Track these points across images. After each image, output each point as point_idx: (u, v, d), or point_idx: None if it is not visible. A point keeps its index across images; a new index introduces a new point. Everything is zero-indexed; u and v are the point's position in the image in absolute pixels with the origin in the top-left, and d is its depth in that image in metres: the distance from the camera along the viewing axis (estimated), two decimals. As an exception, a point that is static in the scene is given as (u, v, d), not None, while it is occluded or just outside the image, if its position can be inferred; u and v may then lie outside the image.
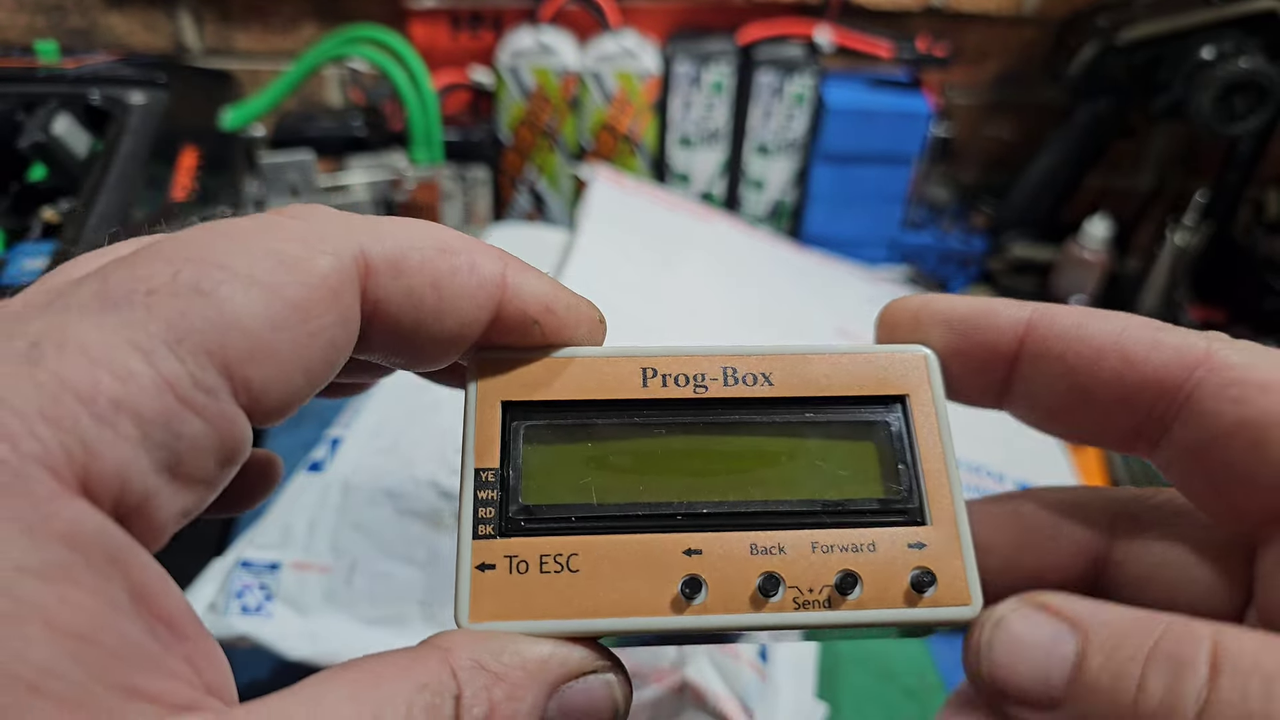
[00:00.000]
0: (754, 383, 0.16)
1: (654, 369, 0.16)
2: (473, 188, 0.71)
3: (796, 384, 0.16)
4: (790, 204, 0.75)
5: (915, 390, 0.16)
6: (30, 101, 0.56)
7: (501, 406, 0.15)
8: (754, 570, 0.15)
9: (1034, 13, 0.75)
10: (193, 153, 0.52)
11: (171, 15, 0.72)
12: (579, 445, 0.15)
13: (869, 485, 0.16)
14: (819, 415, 0.16)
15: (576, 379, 0.16)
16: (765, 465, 0.16)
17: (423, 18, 0.70)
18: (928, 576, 0.15)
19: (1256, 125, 0.66)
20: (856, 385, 0.16)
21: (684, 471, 0.16)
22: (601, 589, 0.15)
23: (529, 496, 0.15)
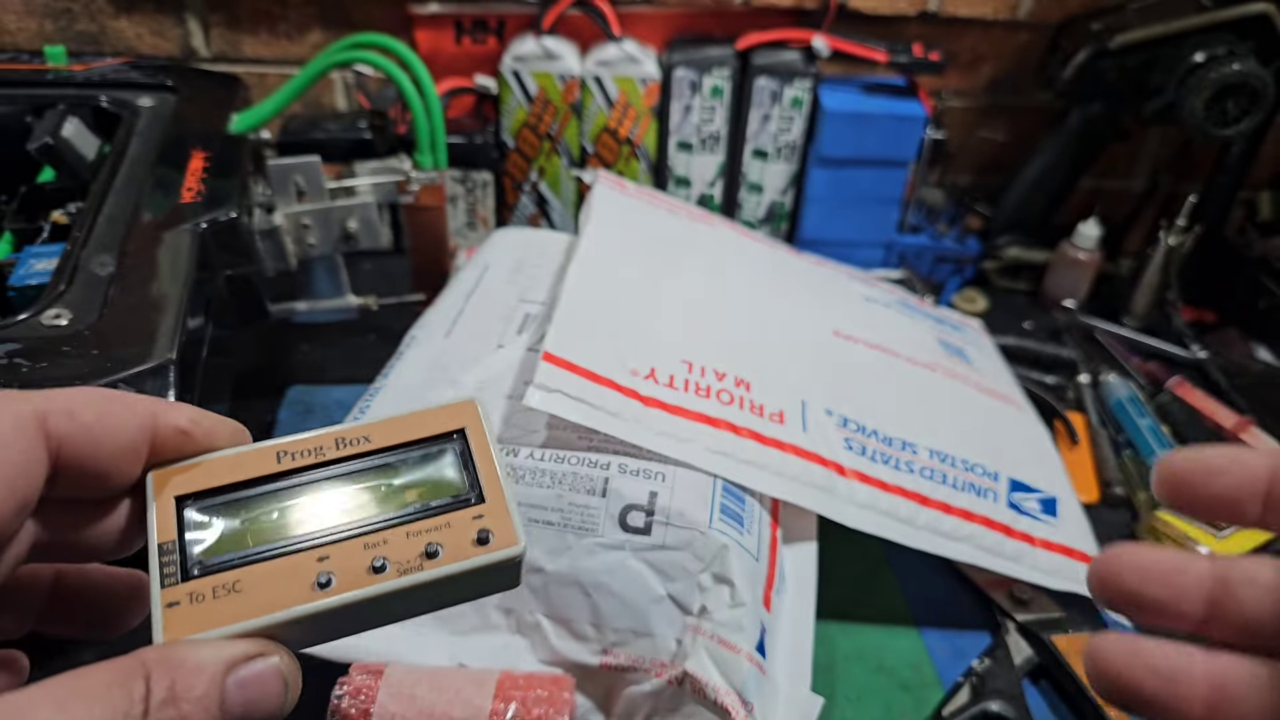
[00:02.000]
0: (358, 443, 0.23)
1: (285, 450, 0.22)
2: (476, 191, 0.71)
3: (389, 437, 0.23)
4: (787, 207, 0.76)
5: (469, 424, 0.24)
6: (39, 105, 0.56)
7: (175, 500, 0.21)
8: (368, 558, 0.21)
9: (1028, 17, 0.76)
10: (200, 156, 0.53)
11: (179, 20, 0.73)
12: (233, 511, 0.22)
13: (445, 490, 0.23)
14: (409, 454, 0.23)
15: (227, 469, 0.22)
16: (374, 498, 0.22)
17: (428, 24, 0.71)
18: (485, 532, 0.22)
19: (1249, 128, 0.67)
20: (430, 429, 0.23)
21: (308, 513, 0.22)
22: (259, 596, 0.20)
23: (206, 554, 0.21)
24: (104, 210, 0.48)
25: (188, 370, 0.41)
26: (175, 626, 0.19)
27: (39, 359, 0.38)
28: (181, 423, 0.21)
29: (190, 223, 0.48)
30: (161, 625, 0.19)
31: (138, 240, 0.46)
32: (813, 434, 0.47)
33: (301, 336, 0.66)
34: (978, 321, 0.71)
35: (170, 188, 0.50)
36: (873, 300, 0.65)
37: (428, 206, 0.62)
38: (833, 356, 0.54)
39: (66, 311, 0.41)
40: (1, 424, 0.18)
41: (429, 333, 0.51)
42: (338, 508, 0.22)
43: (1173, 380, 0.66)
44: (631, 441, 0.42)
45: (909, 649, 0.47)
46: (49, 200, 0.52)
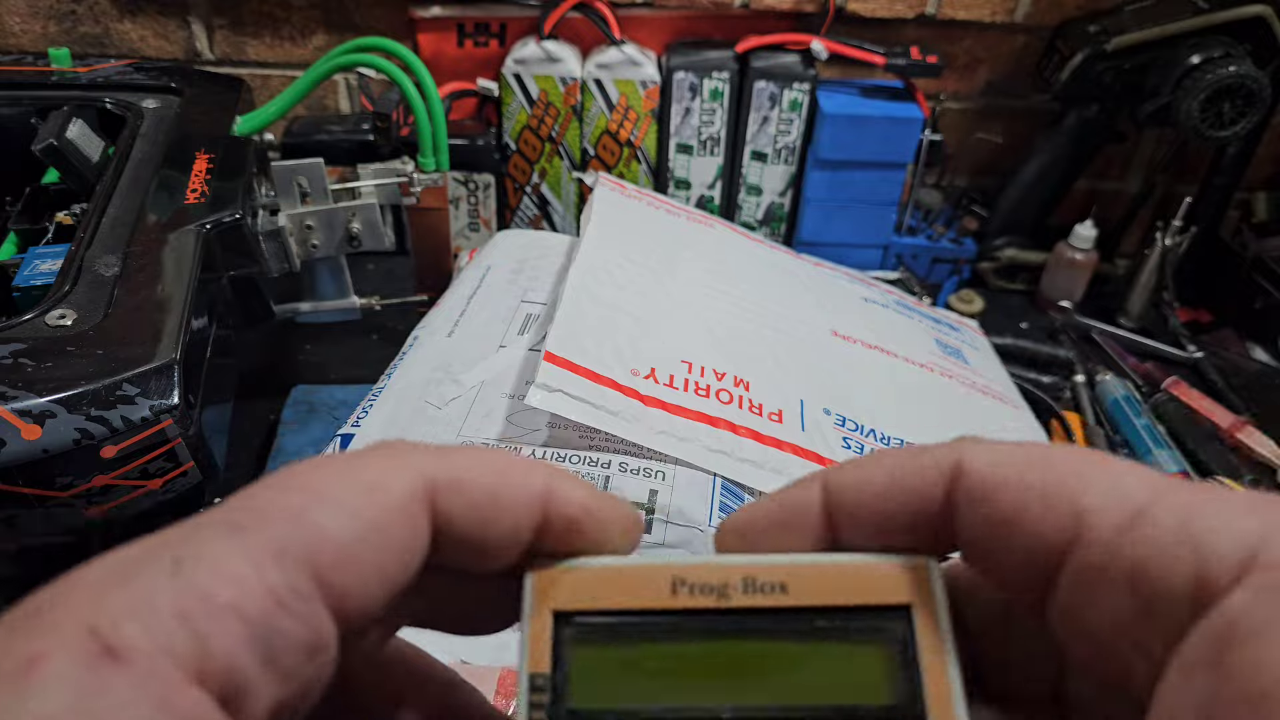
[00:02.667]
0: (772, 591, 0.18)
1: (681, 579, 0.18)
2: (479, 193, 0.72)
3: (810, 593, 0.17)
4: (786, 209, 0.76)
5: (917, 598, 0.17)
6: (44, 107, 0.57)
7: (553, 617, 0.18)
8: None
9: (1025, 20, 0.76)
10: (204, 158, 0.53)
11: (184, 23, 0.73)
12: (619, 650, 0.17)
13: (876, 692, 0.17)
14: (830, 622, 0.17)
15: (616, 588, 0.18)
16: (781, 671, 0.17)
17: (430, 27, 0.71)
18: None
19: (1244, 130, 0.67)
20: (863, 594, 0.17)
21: (710, 675, 0.17)
22: None
23: (578, 701, 0.17)
24: (109, 211, 0.48)
25: (191, 370, 0.41)
26: None
27: (44, 359, 0.38)
28: (574, 510, 0.18)
29: (194, 224, 0.48)
30: None
31: (142, 241, 0.46)
32: (811, 433, 0.47)
33: (305, 337, 0.66)
34: (974, 322, 0.71)
35: (174, 189, 0.50)
36: (870, 301, 0.65)
37: (430, 208, 0.62)
38: (831, 356, 0.55)
39: (71, 312, 0.41)
40: (390, 496, 0.15)
41: (431, 333, 0.51)
42: (731, 679, 0.17)
43: (1169, 380, 0.67)
44: (632, 440, 0.42)
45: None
46: (54, 201, 0.53)
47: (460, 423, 0.43)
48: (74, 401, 0.37)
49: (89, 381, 0.38)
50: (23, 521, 0.39)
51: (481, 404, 0.44)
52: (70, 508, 0.39)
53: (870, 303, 0.65)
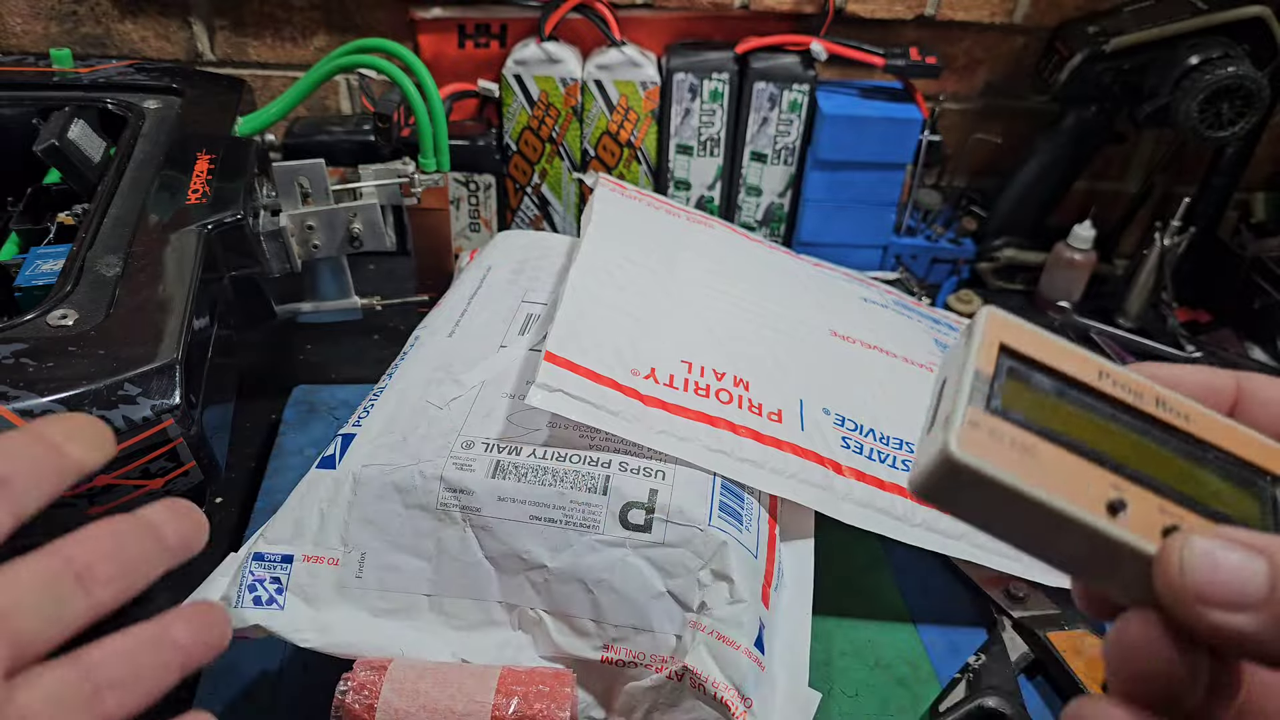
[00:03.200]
0: (1177, 415, 0.21)
1: (1107, 373, 0.21)
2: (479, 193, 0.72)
3: (1207, 431, 0.22)
4: (785, 209, 0.77)
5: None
6: (45, 107, 0.57)
7: (1000, 346, 0.21)
8: (1162, 520, 0.20)
9: (1024, 21, 0.77)
10: (205, 159, 0.53)
11: (185, 24, 0.73)
12: (1043, 393, 0.21)
13: (1248, 514, 0.21)
14: (1217, 458, 0.21)
15: (1056, 355, 0.21)
16: (1172, 469, 0.21)
17: (431, 28, 0.71)
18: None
19: (1243, 130, 0.67)
20: (1250, 453, 0.22)
21: (1104, 442, 0.21)
22: (1049, 473, 0.20)
23: (1005, 403, 0.20)
24: (110, 212, 0.48)
25: (193, 370, 0.41)
26: (970, 443, 0.19)
27: (45, 359, 0.38)
28: None
29: (196, 224, 0.48)
30: (958, 434, 0.19)
31: (144, 241, 0.46)
32: (810, 432, 0.47)
33: (306, 337, 0.66)
34: (974, 322, 0.71)
35: (176, 190, 0.50)
36: (870, 301, 0.65)
37: (431, 209, 0.62)
38: (830, 356, 0.55)
39: (73, 312, 0.41)
40: None
41: (432, 333, 0.51)
42: (1145, 455, 0.21)
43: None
44: (632, 440, 0.42)
45: (906, 645, 0.48)
46: (55, 202, 0.53)
47: (461, 423, 0.44)
48: (75, 401, 0.37)
49: (90, 381, 0.38)
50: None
51: (482, 404, 0.45)
52: (72, 507, 0.39)
53: (869, 303, 0.65)
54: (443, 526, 0.41)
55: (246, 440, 0.58)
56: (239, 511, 0.53)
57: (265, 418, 0.59)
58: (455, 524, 0.41)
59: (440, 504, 0.41)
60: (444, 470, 0.41)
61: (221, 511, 0.53)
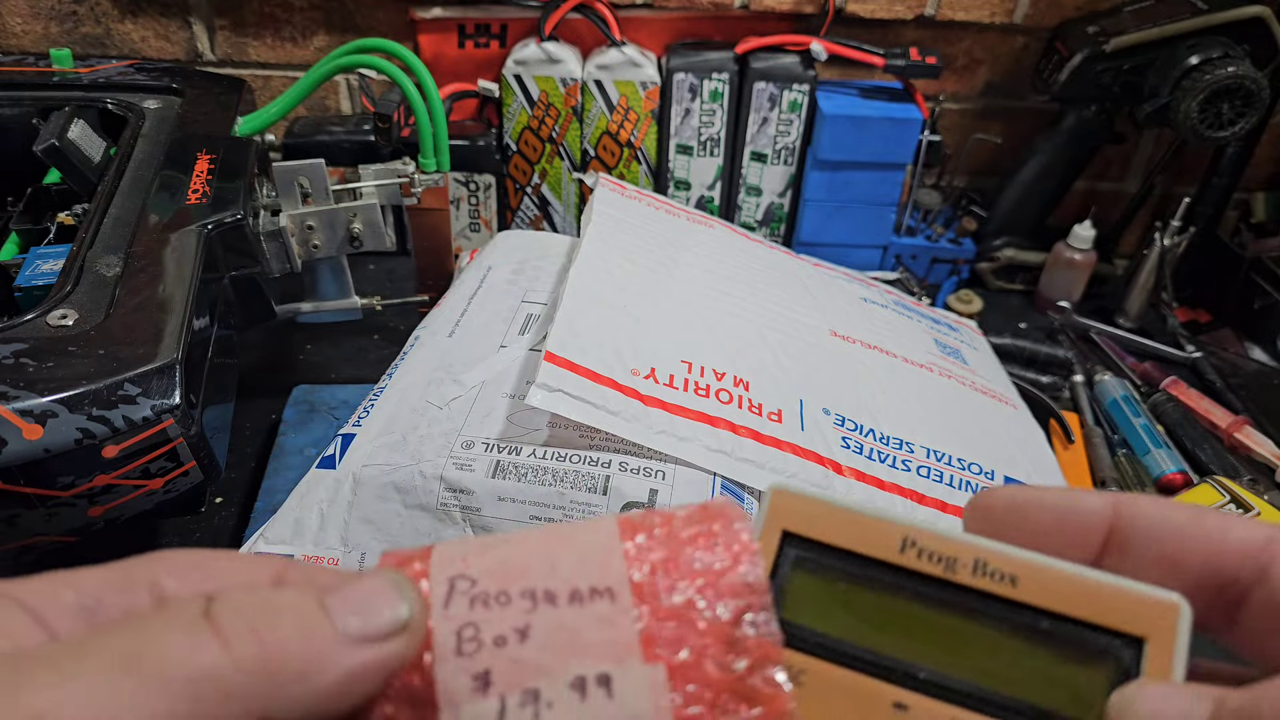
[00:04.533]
0: (1000, 580, 0.17)
1: (911, 541, 0.18)
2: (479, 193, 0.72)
3: (1039, 594, 0.17)
4: (785, 209, 0.76)
5: (1155, 636, 0.17)
6: (46, 107, 0.57)
7: (781, 534, 0.18)
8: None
9: (1024, 21, 0.76)
10: (206, 159, 0.53)
11: (185, 24, 0.73)
12: (835, 585, 0.18)
13: (1085, 709, 0.16)
14: (1054, 628, 0.17)
15: (848, 530, 0.18)
16: (991, 657, 0.17)
17: (431, 28, 0.71)
18: None
19: (1243, 130, 0.67)
20: (1098, 613, 0.17)
21: (915, 637, 0.17)
22: (816, 708, 0.17)
23: (787, 612, 0.18)
24: (110, 212, 0.48)
25: (193, 370, 0.41)
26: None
27: (45, 359, 0.38)
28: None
29: (196, 224, 0.48)
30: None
31: (144, 242, 0.46)
32: (810, 433, 0.47)
33: (306, 337, 0.66)
34: (973, 322, 0.71)
35: (176, 190, 0.50)
36: (870, 301, 0.65)
37: (431, 209, 0.62)
38: (830, 356, 0.55)
39: (73, 312, 0.41)
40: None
41: (432, 333, 0.51)
42: (948, 648, 0.17)
43: (1167, 380, 0.67)
44: (632, 440, 0.42)
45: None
46: (55, 202, 0.53)
47: (461, 422, 0.44)
48: (76, 401, 0.37)
49: (90, 381, 0.38)
50: (24, 521, 0.39)
51: (482, 404, 0.45)
52: (72, 507, 0.39)
53: (869, 303, 0.65)
54: (443, 526, 0.41)
55: (246, 440, 0.58)
56: (239, 511, 0.53)
57: (265, 418, 0.59)
58: (455, 524, 0.41)
59: (440, 504, 0.41)
60: (444, 470, 0.41)
61: (221, 511, 0.53)
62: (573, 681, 0.17)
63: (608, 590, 0.18)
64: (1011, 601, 0.17)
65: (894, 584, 0.18)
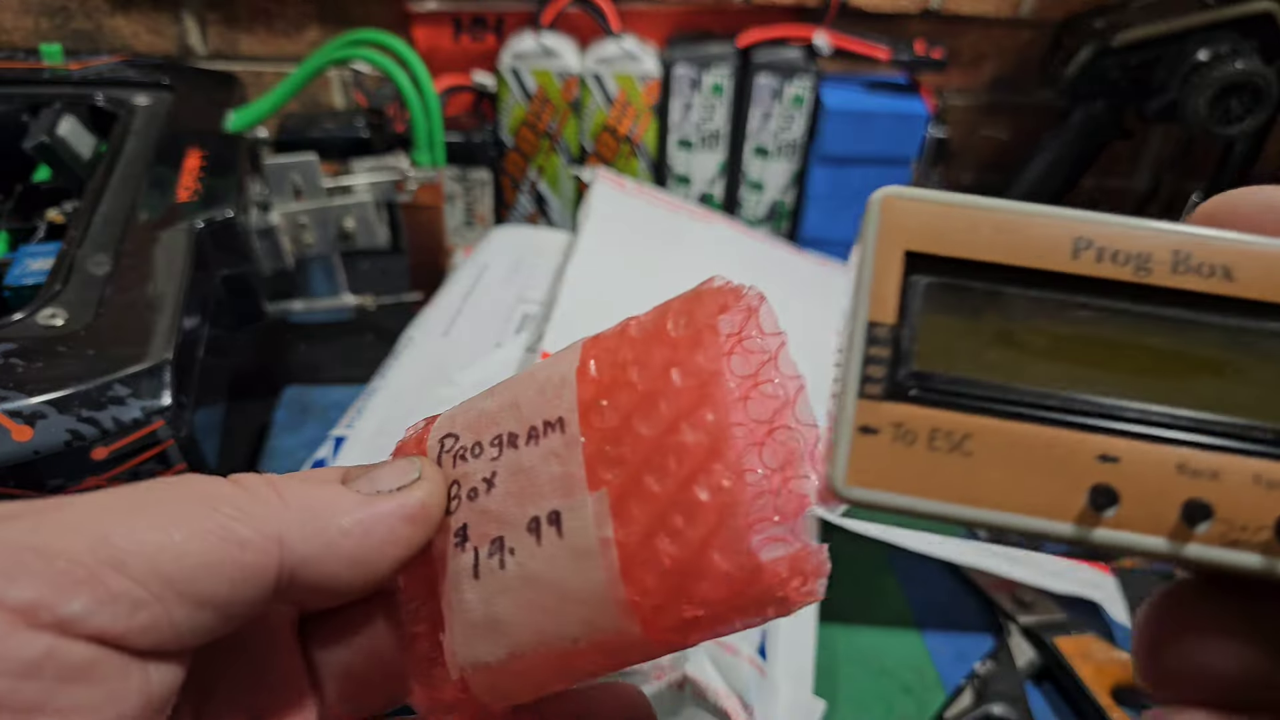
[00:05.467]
0: (1210, 274, 0.13)
1: (1089, 240, 0.14)
2: (475, 189, 0.71)
3: (1266, 287, 0.13)
4: (788, 205, 0.76)
5: None
6: (35, 103, 0.56)
7: (904, 257, 0.14)
8: (1179, 492, 0.13)
9: (1031, 15, 0.76)
10: (196, 154, 0.53)
11: (176, 18, 0.72)
12: (987, 315, 0.14)
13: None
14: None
15: (995, 238, 0.14)
16: (1210, 374, 0.13)
17: (425, 21, 0.70)
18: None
19: (1252, 126, 0.67)
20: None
21: (1110, 366, 0.13)
22: (996, 479, 0.13)
23: (924, 362, 0.13)
24: (100, 209, 0.48)
25: (184, 370, 0.41)
26: (866, 473, 0.13)
27: (34, 359, 0.38)
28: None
29: (187, 222, 0.47)
30: (846, 460, 0.13)
31: (134, 240, 0.46)
32: (814, 435, 0.46)
33: (298, 336, 0.66)
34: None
35: (167, 187, 0.50)
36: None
37: (425, 205, 0.62)
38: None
39: (62, 311, 0.40)
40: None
41: (426, 332, 0.51)
42: (1134, 375, 0.13)
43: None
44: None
45: (911, 652, 0.47)
46: (45, 199, 0.52)
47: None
48: (65, 402, 0.36)
49: (80, 382, 0.37)
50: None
51: (478, 405, 0.44)
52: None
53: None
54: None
55: (238, 442, 0.57)
56: (232, 514, 0.52)
57: (256, 419, 0.58)
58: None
59: (435, 508, 0.40)
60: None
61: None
62: (529, 524, 0.16)
63: (559, 421, 0.16)
64: (1230, 299, 0.13)
65: (1071, 301, 0.13)
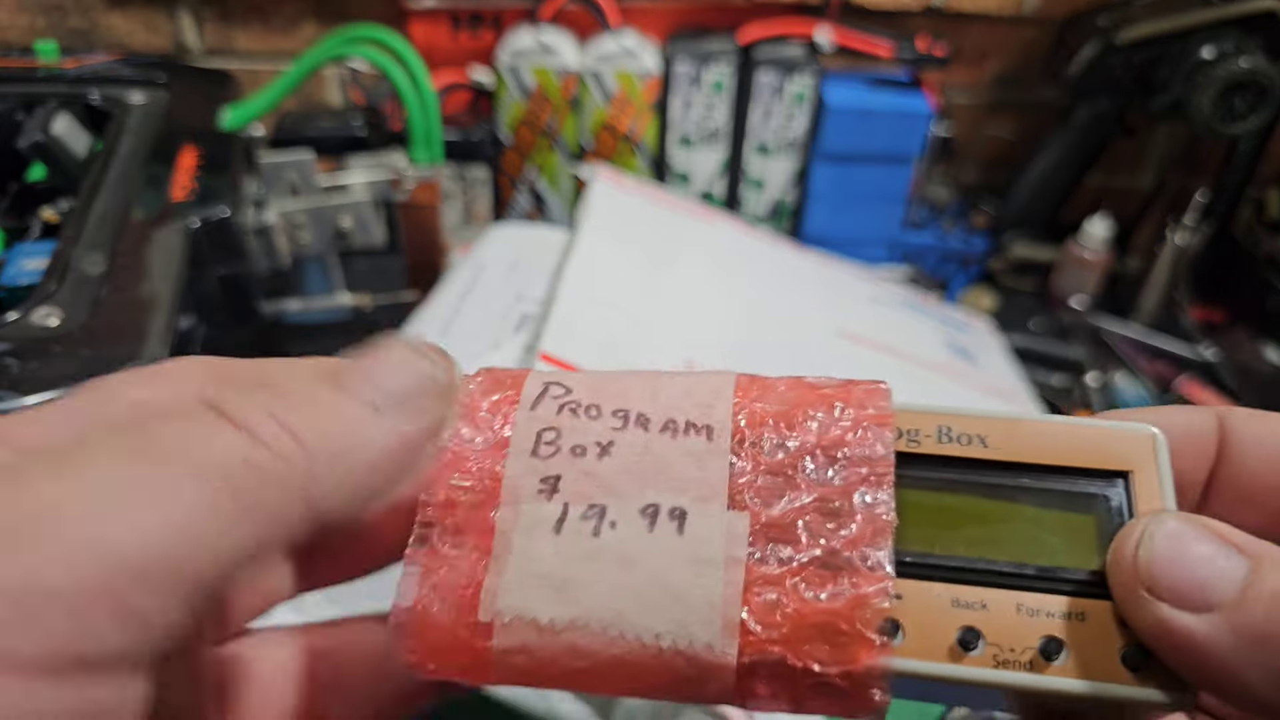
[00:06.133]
0: (968, 443, 0.16)
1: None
2: (473, 188, 0.71)
3: (1012, 449, 0.16)
4: (790, 204, 0.75)
5: (1139, 468, 0.16)
6: (30, 101, 0.56)
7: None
8: (954, 622, 0.15)
9: (1034, 12, 0.75)
10: (192, 152, 0.52)
11: (172, 15, 0.72)
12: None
13: (1084, 557, 0.15)
14: (1035, 482, 0.16)
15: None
16: (975, 524, 0.16)
17: (423, 17, 0.70)
18: (1141, 654, 0.14)
19: (1257, 125, 0.66)
20: (1075, 457, 0.16)
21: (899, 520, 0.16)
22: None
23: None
24: (95, 208, 0.47)
25: (178, 371, 0.40)
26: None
27: (30, 359, 0.37)
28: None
29: (182, 221, 0.47)
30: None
31: (129, 239, 0.45)
32: (815, 436, 0.46)
33: (294, 336, 0.65)
34: (984, 320, 0.70)
35: (162, 185, 0.50)
36: (878, 299, 0.64)
37: (423, 204, 0.61)
38: (837, 357, 0.54)
39: (57, 311, 0.40)
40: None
41: (423, 333, 0.50)
42: (926, 525, 0.16)
43: (1180, 380, 0.66)
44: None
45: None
46: (40, 198, 0.52)
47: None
48: (57, 404, 0.36)
49: (75, 382, 0.36)
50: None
51: (476, 406, 0.43)
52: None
53: (878, 301, 0.64)
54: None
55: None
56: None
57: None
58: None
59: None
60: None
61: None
62: (644, 508, 0.16)
63: (706, 428, 0.16)
64: (985, 462, 0.16)
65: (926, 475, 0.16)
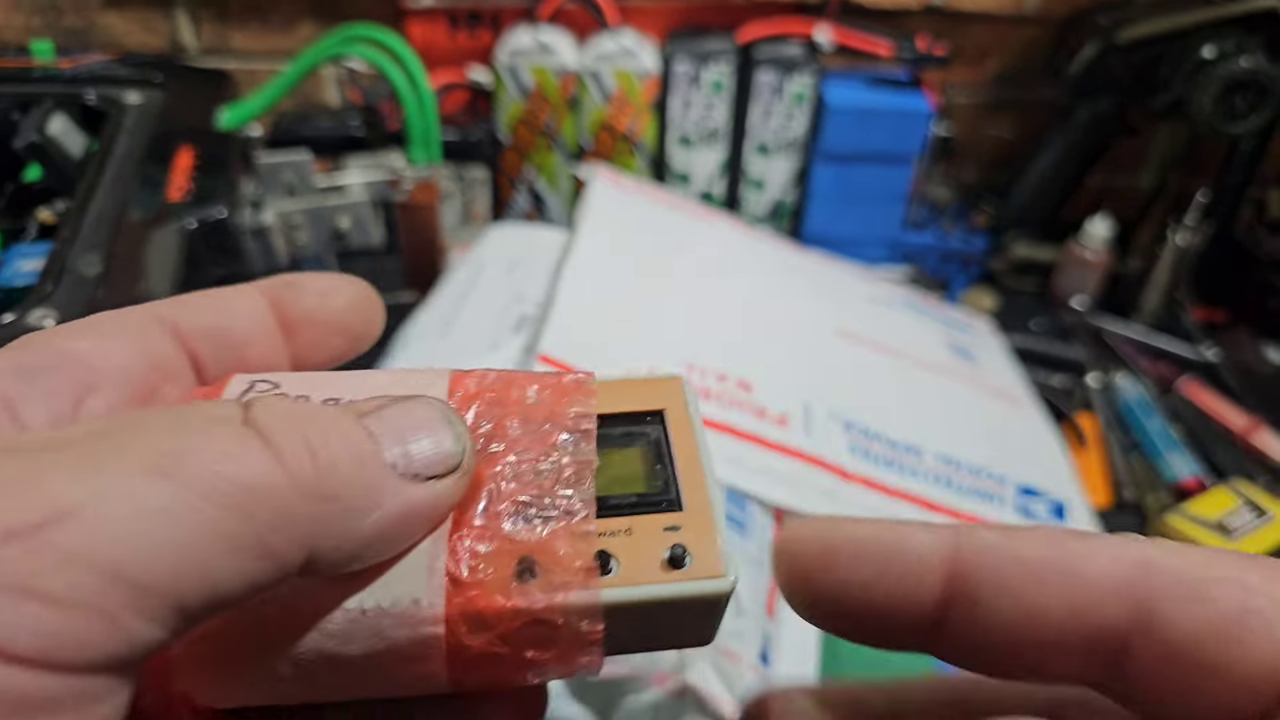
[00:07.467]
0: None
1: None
2: (471, 187, 0.70)
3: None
4: (790, 204, 0.75)
5: (671, 405, 0.18)
6: (25, 101, 0.55)
7: None
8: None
9: (1034, 12, 0.75)
10: (189, 153, 0.52)
11: (168, 15, 0.72)
12: None
13: (631, 485, 0.17)
14: (610, 429, 0.18)
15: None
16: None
17: (421, 17, 0.70)
18: (681, 551, 0.16)
19: (1258, 124, 0.66)
20: (622, 403, 0.18)
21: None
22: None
23: None
24: (91, 209, 0.47)
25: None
26: None
27: (22, 362, 0.37)
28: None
29: (179, 221, 0.47)
30: None
31: (126, 239, 0.45)
32: (816, 437, 0.46)
33: (294, 337, 0.65)
34: (985, 320, 0.70)
35: (158, 186, 0.49)
36: (878, 299, 0.64)
37: (421, 204, 0.61)
38: (837, 358, 0.53)
39: (54, 313, 0.40)
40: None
41: (422, 333, 0.50)
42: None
43: (1182, 380, 0.65)
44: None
45: (915, 657, 0.46)
46: (36, 198, 0.51)
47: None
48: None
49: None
50: None
51: (475, 408, 0.43)
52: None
53: (878, 301, 0.63)
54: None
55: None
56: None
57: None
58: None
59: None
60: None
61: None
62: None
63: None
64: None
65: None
